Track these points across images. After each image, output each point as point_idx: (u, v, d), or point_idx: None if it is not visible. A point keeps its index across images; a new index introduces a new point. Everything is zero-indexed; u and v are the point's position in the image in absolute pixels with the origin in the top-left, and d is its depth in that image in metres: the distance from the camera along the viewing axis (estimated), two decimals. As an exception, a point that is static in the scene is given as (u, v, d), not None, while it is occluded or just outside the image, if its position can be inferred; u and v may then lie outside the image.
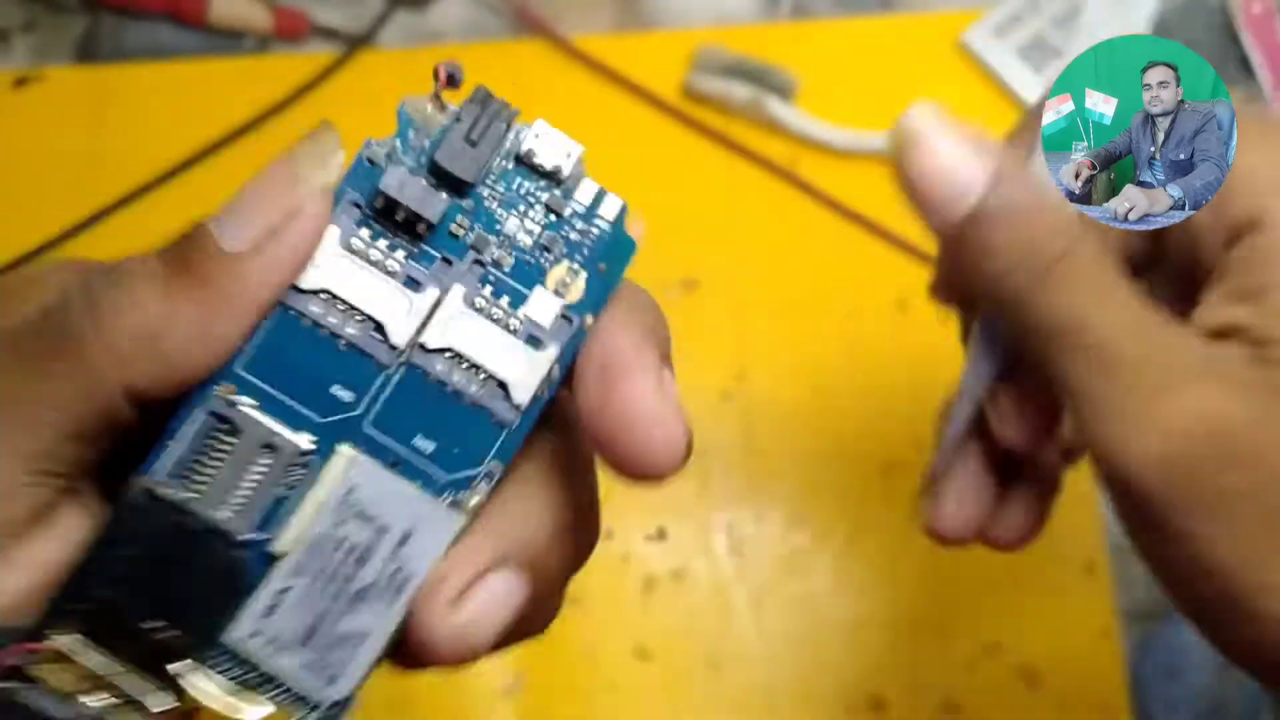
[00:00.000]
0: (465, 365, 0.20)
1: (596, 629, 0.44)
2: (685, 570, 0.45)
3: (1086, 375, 0.23)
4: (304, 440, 0.20)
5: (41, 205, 0.48)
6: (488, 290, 0.20)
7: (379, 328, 0.20)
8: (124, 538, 0.19)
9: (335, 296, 0.20)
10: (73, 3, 0.51)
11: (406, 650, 0.20)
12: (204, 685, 0.19)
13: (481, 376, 0.20)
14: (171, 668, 0.19)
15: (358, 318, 0.20)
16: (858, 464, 0.46)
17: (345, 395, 0.20)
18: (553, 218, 0.21)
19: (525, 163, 0.21)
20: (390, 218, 0.20)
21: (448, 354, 0.20)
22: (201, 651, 0.19)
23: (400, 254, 0.20)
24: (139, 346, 0.19)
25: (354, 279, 0.20)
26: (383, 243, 0.20)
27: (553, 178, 0.21)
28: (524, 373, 0.20)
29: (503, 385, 0.20)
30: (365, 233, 0.20)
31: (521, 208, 0.21)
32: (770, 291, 0.47)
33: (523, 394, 0.20)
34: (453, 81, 0.20)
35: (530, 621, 0.22)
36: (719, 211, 0.48)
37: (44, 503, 0.19)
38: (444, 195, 0.20)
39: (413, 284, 0.20)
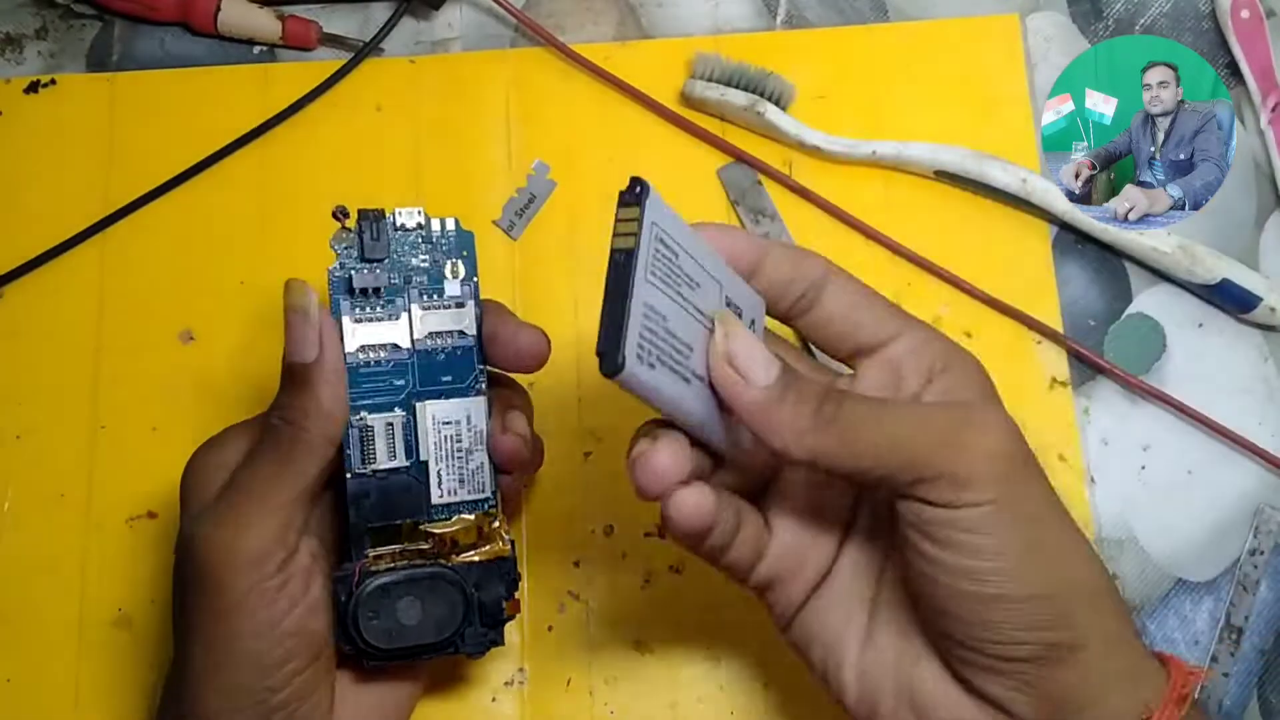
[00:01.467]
0: (439, 334, 0.38)
1: (597, 623, 0.45)
2: (683, 565, 0.45)
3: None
4: (400, 415, 0.37)
5: (53, 210, 0.49)
6: (425, 297, 0.38)
7: (395, 345, 0.37)
8: (359, 496, 0.37)
9: (367, 345, 0.37)
10: (85, 10, 0.52)
11: (499, 461, 0.38)
12: (439, 529, 0.37)
13: (449, 333, 0.38)
14: (421, 527, 0.37)
15: (383, 346, 0.37)
16: (853, 462, 0.47)
17: (400, 383, 0.37)
18: (427, 245, 0.38)
19: (402, 229, 0.38)
20: (364, 294, 0.37)
21: (429, 335, 0.38)
22: (428, 515, 0.37)
23: (379, 307, 0.37)
24: (328, 422, 0.35)
25: (368, 331, 0.37)
26: (368, 308, 0.37)
27: (419, 228, 0.38)
28: (465, 319, 0.38)
29: (461, 331, 0.38)
30: (358, 309, 0.37)
31: (412, 250, 0.38)
32: (767, 293, 0.48)
33: (471, 328, 0.38)
34: (344, 215, 0.37)
35: (534, 453, 0.41)
36: (716, 214, 0.49)
37: (308, 514, 0.36)
38: (378, 270, 0.37)
39: (394, 316, 0.37)
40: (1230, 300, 0.48)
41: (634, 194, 0.28)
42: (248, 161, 0.49)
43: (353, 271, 0.37)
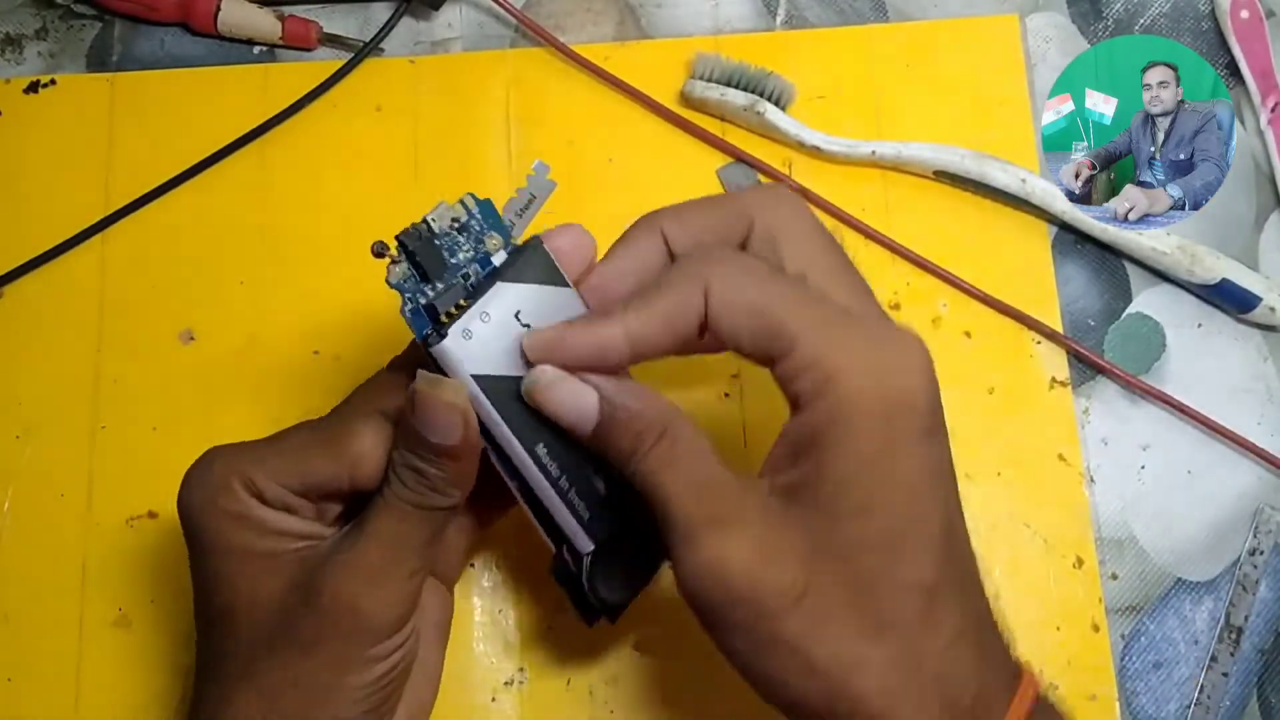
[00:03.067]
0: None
1: (597, 623, 0.45)
2: (684, 565, 0.45)
3: (663, 524, 0.32)
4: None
5: (53, 210, 0.49)
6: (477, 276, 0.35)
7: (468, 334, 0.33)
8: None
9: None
10: (85, 10, 0.52)
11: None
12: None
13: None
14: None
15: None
16: (852, 462, 0.46)
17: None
18: (465, 235, 0.34)
19: (442, 233, 0.34)
20: (450, 316, 0.33)
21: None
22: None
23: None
24: (467, 489, 0.34)
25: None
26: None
27: (454, 222, 0.34)
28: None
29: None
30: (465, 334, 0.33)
31: (453, 249, 0.34)
32: (767, 293, 0.48)
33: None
34: (385, 249, 0.33)
35: None
36: (717, 215, 0.49)
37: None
38: (444, 285, 0.34)
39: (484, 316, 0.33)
40: (1230, 300, 0.48)
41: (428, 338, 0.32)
42: (248, 161, 0.49)
43: (421, 299, 0.33)
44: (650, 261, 0.35)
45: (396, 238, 0.33)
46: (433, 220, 0.33)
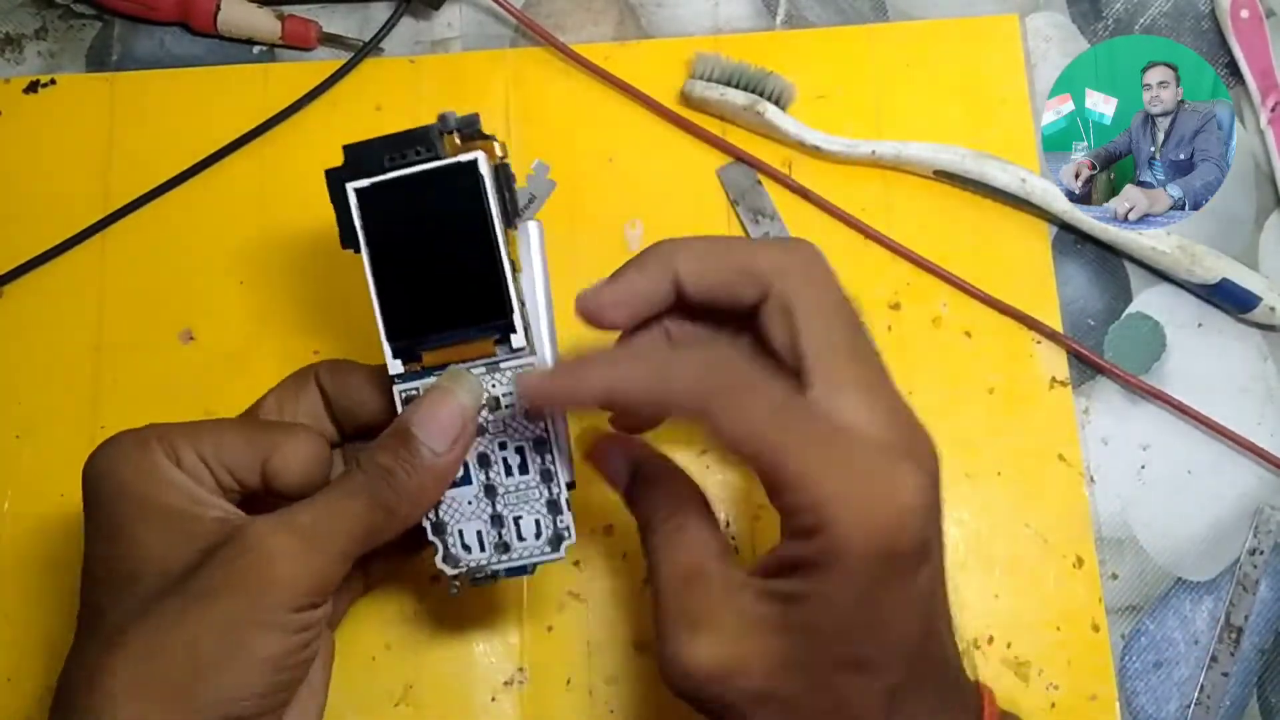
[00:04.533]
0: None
1: (597, 623, 0.45)
2: (684, 565, 0.45)
3: (652, 594, 0.33)
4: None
5: (53, 210, 0.49)
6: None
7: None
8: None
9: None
10: (85, 10, 0.52)
11: None
12: None
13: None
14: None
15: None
16: (852, 462, 0.46)
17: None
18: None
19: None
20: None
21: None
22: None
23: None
24: (422, 509, 0.35)
25: None
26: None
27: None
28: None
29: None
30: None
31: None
32: (767, 293, 0.48)
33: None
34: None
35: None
36: (716, 214, 0.49)
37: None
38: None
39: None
40: (1230, 300, 0.48)
41: None
42: (248, 161, 0.49)
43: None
44: (654, 296, 0.36)
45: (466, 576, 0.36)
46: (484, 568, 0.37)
